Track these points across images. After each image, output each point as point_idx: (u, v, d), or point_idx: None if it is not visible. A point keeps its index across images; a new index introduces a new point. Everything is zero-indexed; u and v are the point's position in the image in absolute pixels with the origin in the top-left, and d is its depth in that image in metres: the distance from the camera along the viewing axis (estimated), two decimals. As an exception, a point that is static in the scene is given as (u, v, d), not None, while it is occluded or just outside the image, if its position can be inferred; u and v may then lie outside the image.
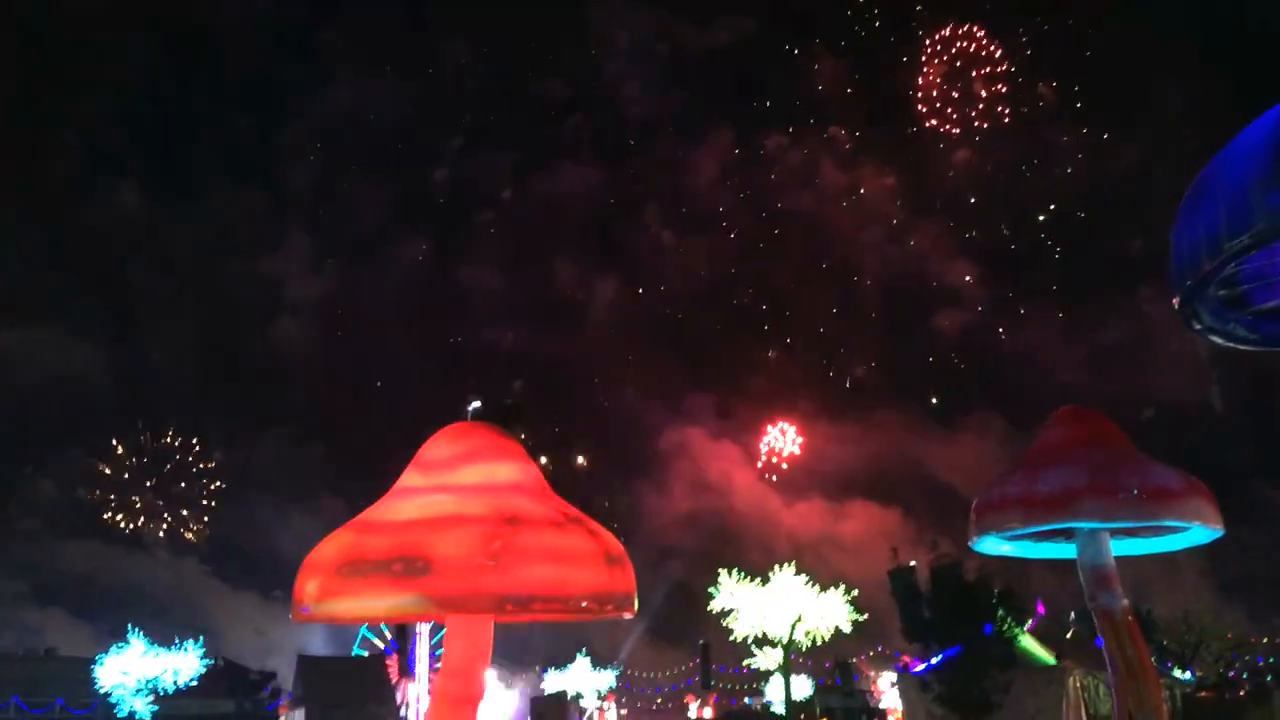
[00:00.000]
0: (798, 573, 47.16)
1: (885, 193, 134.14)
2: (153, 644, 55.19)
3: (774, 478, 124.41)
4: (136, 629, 55.85)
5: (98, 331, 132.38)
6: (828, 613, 46.98)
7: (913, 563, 40.23)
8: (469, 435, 8.07)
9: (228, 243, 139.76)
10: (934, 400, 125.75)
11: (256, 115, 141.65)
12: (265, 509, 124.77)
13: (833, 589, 47.54)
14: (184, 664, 55.14)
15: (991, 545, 16.45)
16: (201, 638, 57.67)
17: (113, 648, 55.64)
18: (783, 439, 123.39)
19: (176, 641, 56.19)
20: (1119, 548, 15.50)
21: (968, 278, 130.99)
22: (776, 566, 47.53)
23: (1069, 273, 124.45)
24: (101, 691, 54.98)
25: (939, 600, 34.31)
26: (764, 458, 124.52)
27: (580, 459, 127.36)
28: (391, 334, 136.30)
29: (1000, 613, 33.47)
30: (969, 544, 16.57)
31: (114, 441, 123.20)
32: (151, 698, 54.24)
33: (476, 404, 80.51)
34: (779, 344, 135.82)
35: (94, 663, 56.11)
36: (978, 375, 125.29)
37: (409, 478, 7.86)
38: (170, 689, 54.84)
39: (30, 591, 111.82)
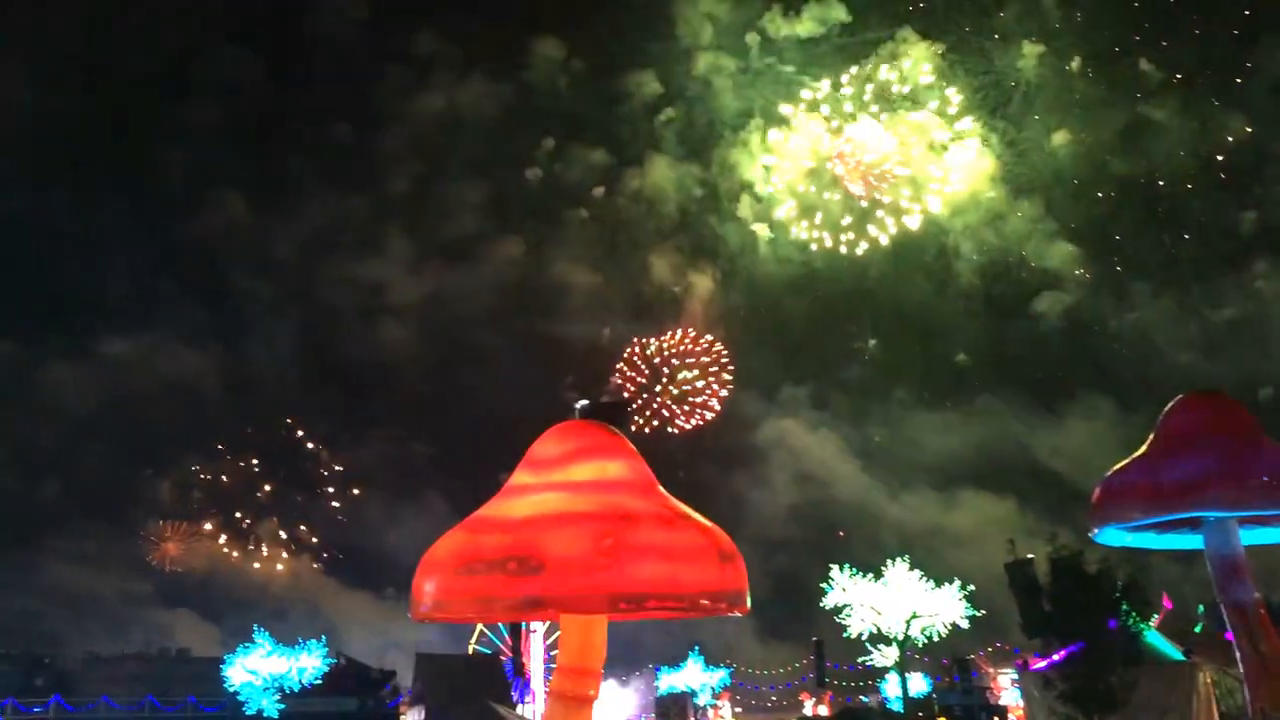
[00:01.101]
0: (911, 568, 46.43)
1: (981, 175, 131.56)
2: (277, 644, 56.66)
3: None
4: (262, 629, 57.43)
5: (206, 338, 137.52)
6: (943, 608, 46.16)
7: (1030, 555, 39.20)
8: (578, 433, 8.10)
9: (329, 248, 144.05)
10: (1038, 385, 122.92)
11: (354, 122, 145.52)
12: (372, 509, 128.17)
13: (947, 584, 46.71)
14: (308, 663, 56.53)
15: (1114, 536, 15.97)
16: (324, 637, 59.08)
17: (240, 648, 57.31)
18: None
19: (300, 641, 57.61)
20: (1248, 537, 14.91)
21: (1069, 259, 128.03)
22: (888, 561, 46.91)
23: (1177, 250, 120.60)
24: (231, 690, 56.71)
25: (1059, 594, 33.30)
26: None
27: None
28: (490, 332, 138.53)
29: (1124, 606, 32.40)
30: (1090, 535, 16.11)
31: (225, 446, 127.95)
32: (278, 696, 55.74)
33: (584, 402, 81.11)
34: (876, 332, 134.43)
35: (223, 662, 57.87)
36: (1083, 358, 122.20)
37: (520, 476, 7.91)
38: (296, 687, 56.26)
39: (156, 592, 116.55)
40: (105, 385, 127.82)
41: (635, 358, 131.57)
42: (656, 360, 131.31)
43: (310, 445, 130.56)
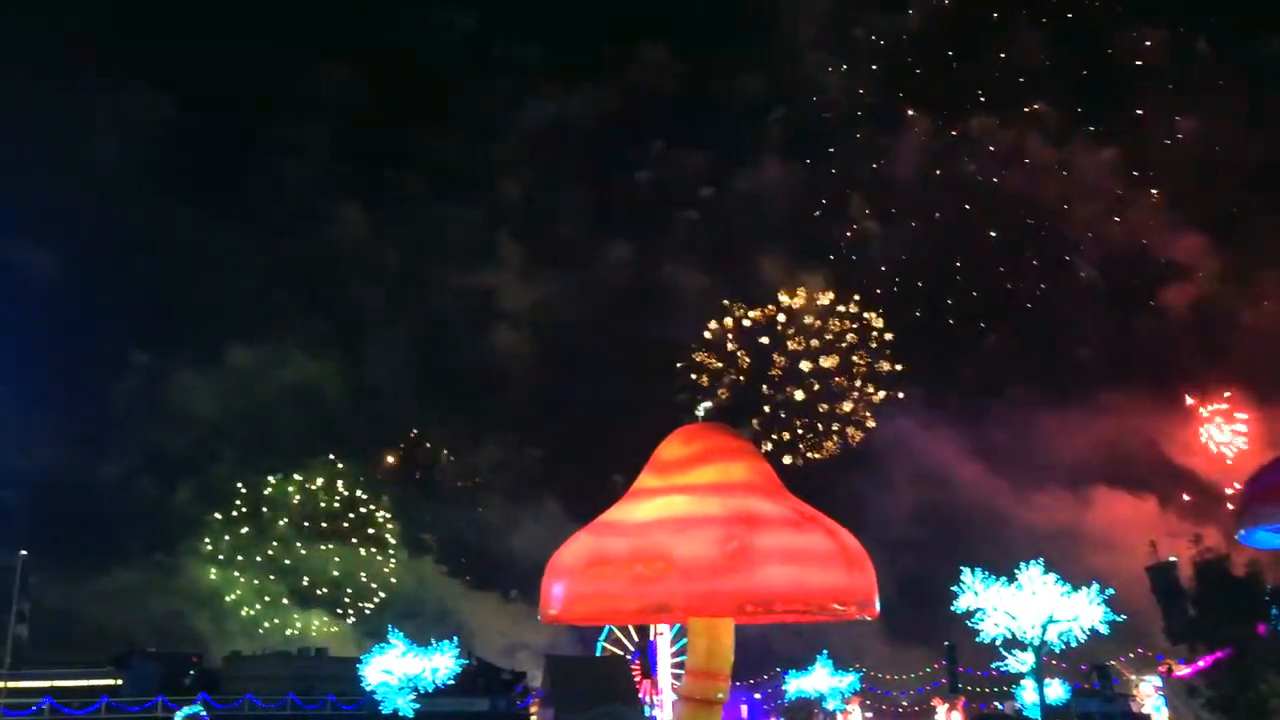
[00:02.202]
0: (1046, 570, 45.21)
1: (1101, 166, 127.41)
2: (411, 644, 57.72)
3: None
4: (396, 630, 58.61)
5: (325, 346, 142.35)
6: (1081, 612, 44.81)
7: (1173, 558, 37.79)
8: (702, 435, 8.08)
9: (442, 256, 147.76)
10: (1167, 379, 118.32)
11: (464, 133, 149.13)
12: (489, 512, 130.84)
13: (1084, 587, 45.34)
14: (441, 663, 57.46)
15: (1264, 539, 15.28)
16: (455, 638, 59.97)
17: (375, 648, 58.63)
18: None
19: (432, 642, 58.54)
20: None
21: (1196, 249, 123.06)
22: (1022, 564, 45.75)
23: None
24: (368, 689, 58.11)
25: (1205, 598, 32.05)
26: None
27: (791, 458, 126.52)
28: (600, 336, 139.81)
29: (1275, 611, 31.01)
30: (1236, 537, 15.47)
31: (345, 451, 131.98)
32: (413, 695, 56.86)
33: (707, 404, 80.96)
34: (993, 329, 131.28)
35: (360, 662, 59.35)
36: (1213, 351, 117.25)
37: (645, 479, 7.93)
38: (429, 687, 57.26)
39: (290, 593, 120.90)
40: (231, 393, 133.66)
41: (725, 338, 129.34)
42: (763, 341, 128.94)
43: (428, 449, 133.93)
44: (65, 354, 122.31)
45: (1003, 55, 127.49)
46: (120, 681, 67.60)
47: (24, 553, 70.32)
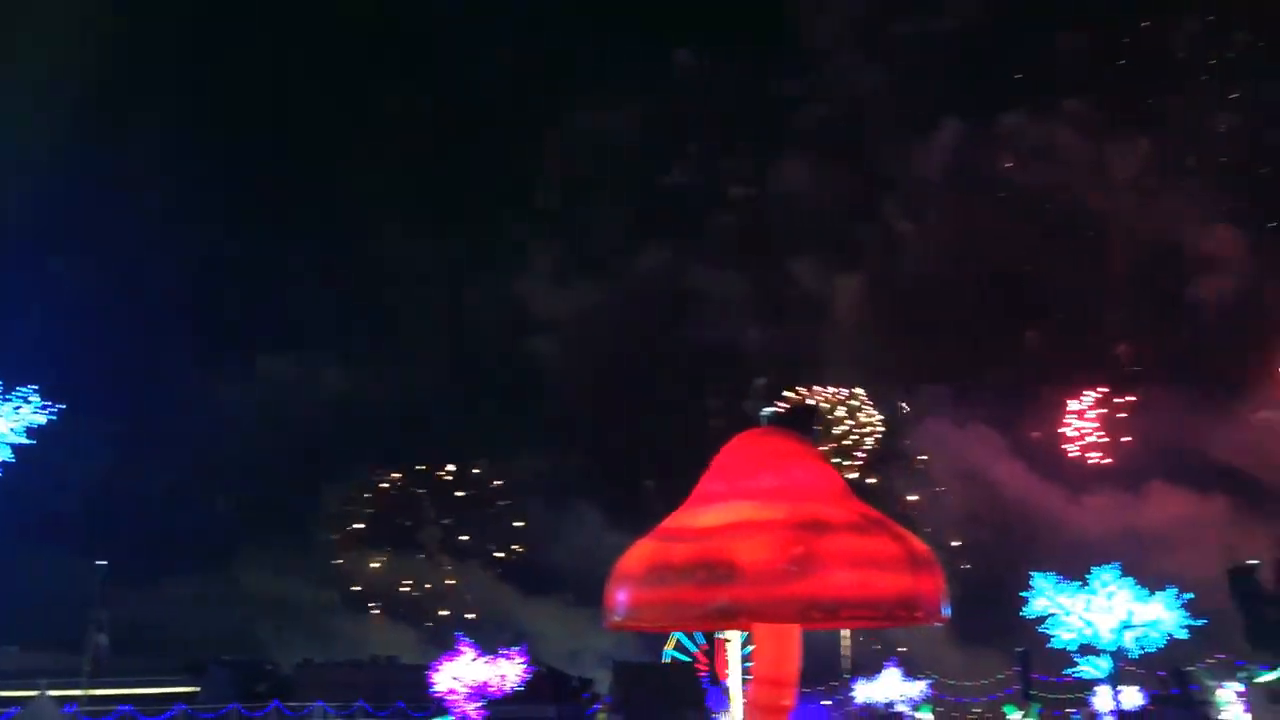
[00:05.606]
0: (1121, 575, 44.40)
1: (1134, 160, 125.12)
2: (481, 651, 57.68)
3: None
4: (465, 635, 58.61)
5: (363, 356, 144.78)
6: (1159, 617, 43.92)
7: (1254, 560, 36.84)
8: (765, 440, 8.01)
9: (480, 267, 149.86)
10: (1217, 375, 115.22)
11: (507, 146, 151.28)
12: (533, 519, 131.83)
13: (1160, 592, 44.44)
14: (509, 670, 57.39)
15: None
16: (525, 644, 59.81)
17: (444, 655, 58.71)
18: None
19: (499, 649, 58.41)
20: None
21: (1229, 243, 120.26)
22: (1092, 567, 44.96)
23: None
24: (437, 696, 58.27)
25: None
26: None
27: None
28: (633, 343, 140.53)
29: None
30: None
31: (388, 460, 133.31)
32: (482, 703, 56.86)
33: (769, 409, 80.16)
34: (1030, 326, 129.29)
35: (429, 669, 59.56)
36: (1254, 347, 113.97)
37: (708, 484, 7.86)
38: (498, 695, 57.21)
39: (341, 600, 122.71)
40: (271, 404, 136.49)
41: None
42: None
43: (467, 456, 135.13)
44: (112, 368, 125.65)
45: (1036, 53, 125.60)
46: (197, 689, 68.63)
47: (102, 562, 71.64)
